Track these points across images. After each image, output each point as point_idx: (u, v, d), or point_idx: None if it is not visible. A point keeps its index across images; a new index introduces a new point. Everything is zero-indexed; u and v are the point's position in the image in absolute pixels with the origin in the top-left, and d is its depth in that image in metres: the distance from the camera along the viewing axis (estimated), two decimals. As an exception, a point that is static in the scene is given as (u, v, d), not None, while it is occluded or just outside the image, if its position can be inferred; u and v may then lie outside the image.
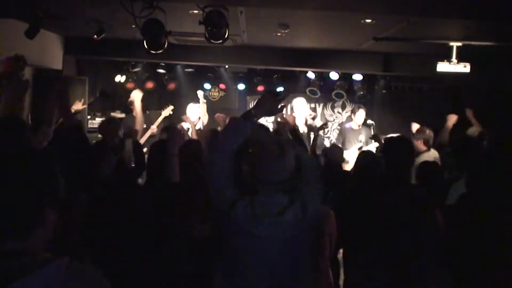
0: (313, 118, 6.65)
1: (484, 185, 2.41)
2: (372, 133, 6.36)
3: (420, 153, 5.14)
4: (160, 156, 2.82)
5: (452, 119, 5.16)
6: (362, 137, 6.32)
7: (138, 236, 2.39)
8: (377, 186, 2.84)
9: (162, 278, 2.39)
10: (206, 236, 2.63)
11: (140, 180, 3.97)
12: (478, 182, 2.46)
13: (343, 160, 4.80)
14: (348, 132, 6.63)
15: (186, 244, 2.54)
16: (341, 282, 3.58)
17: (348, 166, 5.61)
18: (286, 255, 1.95)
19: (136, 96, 5.29)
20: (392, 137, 3.28)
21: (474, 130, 4.82)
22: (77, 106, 5.50)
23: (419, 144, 5.15)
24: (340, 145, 6.16)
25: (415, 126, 5.79)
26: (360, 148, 5.94)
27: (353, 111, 6.74)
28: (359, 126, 6.54)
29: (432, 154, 5.04)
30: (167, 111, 6.10)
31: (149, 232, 2.42)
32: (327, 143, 7.76)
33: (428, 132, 5.07)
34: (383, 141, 5.53)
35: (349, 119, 8.30)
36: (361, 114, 6.52)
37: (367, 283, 1.75)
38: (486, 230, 2.19)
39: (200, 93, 6.32)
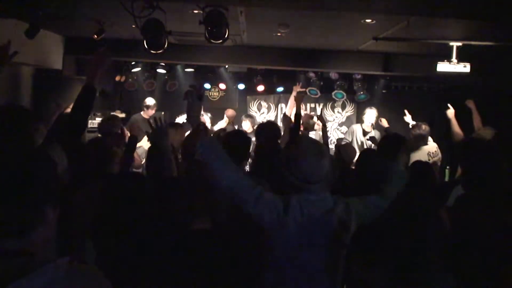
0: (311, 118, 6.68)
1: (479, 187, 2.41)
2: (373, 133, 6.37)
3: (416, 147, 5.16)
4: (157, 154, 2.84)
5: (451, 113, 5.10)
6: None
7: (140, 230, 2.38)
8: (374, 185, 2.83)
9: (162, 270, 2.39)
10: (207, 229, 2.62)
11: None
12: (473, 183, 2.46)
13: (353, 160, 4.80)
14: (358, 132, 6.62)
15: (187, 237, 2.53)
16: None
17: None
18: (323, 257, 1.94)
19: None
20: (385, 135, 3.27)
21: (488, 132, 4.76)
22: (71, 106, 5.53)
23: None
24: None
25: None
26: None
27: (364, 112, 6.66)
28: (370, 127, 6.47)
29: (429, 148, 5.07)
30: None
31: (150, 225, 2.42)
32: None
33: (424, 127, 5.09)
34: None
35: (349, 119, 8.33)
36: (369, 114, 6.46)
37: (370, 282, 1.75)
38: (482, 232, 2.19)
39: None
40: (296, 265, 1.92)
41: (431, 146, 5.14)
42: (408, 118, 5.98)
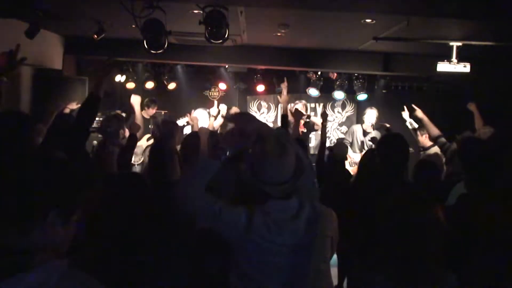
0: (308, 117, 6.70)
1: (483, 186, 2.40)
2: (373, 133, 6.37)
3: (425, 148, 5.14)
4: (160, 155, 2.83)
5: (420, 113, 4.83)
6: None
7: (141, 230, 2.38)
8: (375, 184, 2.83)
9: (161, 270, 2.39)
10: (206, 229, 2.61)
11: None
12: (477, 183, 2.46)
13: (345, 157, 4.82)
14: (358, 132, 6.63)
15: (185, 238, 2.53)
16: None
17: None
18: (295, 260, 1.90)
19: (135, 101, 5.41)
20: (386, 134, 3.28)
21: (487, 131, 4.74)
22: (72, 106, 5.53)
23: (424, 139, 5.15)
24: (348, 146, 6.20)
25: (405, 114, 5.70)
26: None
27: (364, 112, 6.67)
28: (370, 127, 6.46)
29: (438, 149, 5.04)
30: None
31: (150, 226, 2.41)
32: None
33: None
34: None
35: (349, 119, 8.33)
36: (370, 114, 6.45)
37: (370, 284, 1.74)
38: (484, 231, 2.19)
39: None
40: (265, 272, 1.88)
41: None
42: (405, 114, 5.70)
